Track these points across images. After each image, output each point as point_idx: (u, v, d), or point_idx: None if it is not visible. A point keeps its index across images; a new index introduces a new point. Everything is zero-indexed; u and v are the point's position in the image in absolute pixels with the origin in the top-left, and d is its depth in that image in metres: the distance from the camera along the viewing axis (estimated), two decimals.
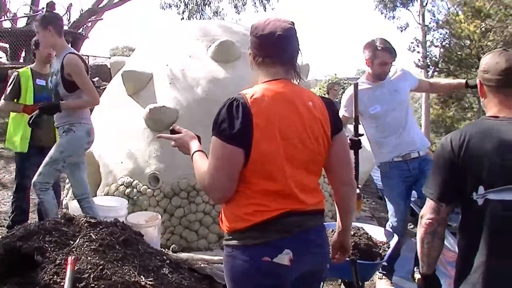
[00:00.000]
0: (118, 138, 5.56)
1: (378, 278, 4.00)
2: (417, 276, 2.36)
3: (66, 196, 5.77)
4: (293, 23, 1.95)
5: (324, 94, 11.63)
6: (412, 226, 6.28)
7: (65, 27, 13.66)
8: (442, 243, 2.00)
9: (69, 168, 4.17)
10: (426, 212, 1.97)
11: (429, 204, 1.97)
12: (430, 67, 21.71)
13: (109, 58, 12.15)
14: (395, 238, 3.43)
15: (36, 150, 4.67)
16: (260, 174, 1.82)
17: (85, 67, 4.00)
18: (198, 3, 20.58)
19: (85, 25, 15.92)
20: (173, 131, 2.14)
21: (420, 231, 1.99)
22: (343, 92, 5.61)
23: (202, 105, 5.26)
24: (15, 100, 4.72)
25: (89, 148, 4.28)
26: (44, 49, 4.70)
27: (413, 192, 3.95)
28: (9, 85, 4.75)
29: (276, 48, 1.91)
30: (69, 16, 15.14)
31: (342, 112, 3.91)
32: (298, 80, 1.97)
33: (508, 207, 1.76)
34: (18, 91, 4.70)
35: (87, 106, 4.12)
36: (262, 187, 1.82)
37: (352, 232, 3.14)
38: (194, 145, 2.03)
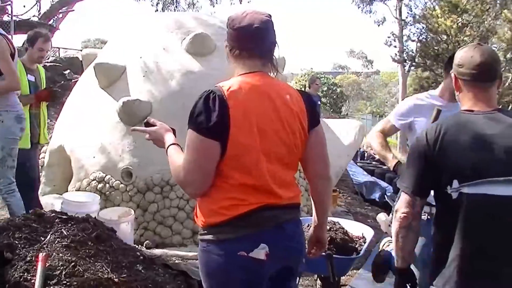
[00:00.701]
0: (90, 132, 5.47)
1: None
2: None
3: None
4: (270, 16, 1.93)
5: (301, 88, 11.67)
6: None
7: (35, 18, 13.39)
8: (416, 236, 2.01)
9: None
10: (401, 206, 1.97)
11: (403, 198, 1.97)
12: (407, 61, 21.97)
13: (81, 50, 11.92)
14: (371, 232, 3.44)
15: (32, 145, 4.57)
16: (236, 168, 1.80)
17: (11, 50, 3.80)
18: None
19: (56, 16, 15.59)
20: (148, 124, 2.10)
21: (395, 225, 2.00)
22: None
23: (176, 99, 5.21)
24: None
25: (22, 135, 4.08)
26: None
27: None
28: None
29: (254, 40, 1.89)
30: (39, 7, 14.79)
31: (392, 121, 3.15)
32: (275, 73, 1.95)
33: (482, 201, 1.78)
34: None
35: (3, 92, 3.82)
36: (238, 181, 1.80)
37: (328, 227, 3.14)
38: (169, 138, 2.00)
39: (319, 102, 9.69)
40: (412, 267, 2.07)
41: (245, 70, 1.90)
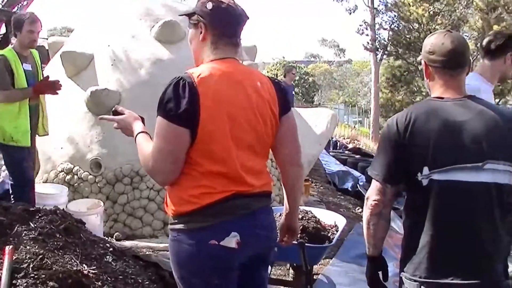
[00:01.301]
0: (57, 122, 5.33)
1: None
2: None
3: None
4: None
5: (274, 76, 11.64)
6: (360, 210, 6.43)
7: None
8: (388, 224, 2.02)
9: None
10: (372, 194, 1.97)
11: (374, 185, 1.98)
12: (379, 50, 22.15)
13: (47, 38, 11.62)
14: (344, 221, 3.46)
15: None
16: (206, 156, 1.77)
17: None
18: None
19: (20, 4, 15.12)
20: (116, 113, 2.06)
21: (366, 212, 2.00)
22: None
23: (145, 88, 5.13)
24: None
25: None
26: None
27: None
28: None
29: (237, 26, 1.89)
30: None
31: None
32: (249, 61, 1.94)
33: (452, 187, 1.80)
34: (12, 77, 4.11)
35: None
36: (208, 168, 1.78)
37: (300, 216, 3.16)
38: (138, 126, 1.96)
39: (293, 92, 9.69)
40: None
41: (219, 56, 1.88)
